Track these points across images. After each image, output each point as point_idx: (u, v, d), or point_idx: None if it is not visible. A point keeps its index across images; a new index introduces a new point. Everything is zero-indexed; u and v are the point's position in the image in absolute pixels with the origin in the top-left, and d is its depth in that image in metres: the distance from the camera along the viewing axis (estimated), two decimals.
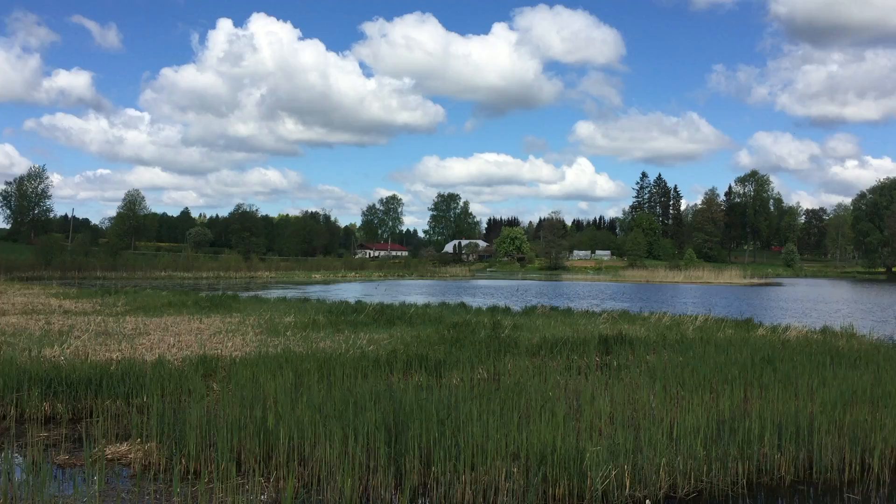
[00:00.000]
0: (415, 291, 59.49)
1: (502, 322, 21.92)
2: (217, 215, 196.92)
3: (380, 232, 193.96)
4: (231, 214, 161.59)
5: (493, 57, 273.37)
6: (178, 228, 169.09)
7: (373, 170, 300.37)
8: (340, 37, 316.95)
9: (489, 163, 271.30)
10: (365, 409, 9.36)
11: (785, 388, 11.38)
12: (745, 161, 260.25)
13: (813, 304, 47.58)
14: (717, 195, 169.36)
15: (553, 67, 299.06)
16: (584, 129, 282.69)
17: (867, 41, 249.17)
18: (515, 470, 8.01)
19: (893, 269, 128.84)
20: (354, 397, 9.97)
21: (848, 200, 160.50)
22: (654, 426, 9.02)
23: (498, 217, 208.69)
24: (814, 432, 9.22)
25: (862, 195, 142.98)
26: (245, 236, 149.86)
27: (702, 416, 9.52)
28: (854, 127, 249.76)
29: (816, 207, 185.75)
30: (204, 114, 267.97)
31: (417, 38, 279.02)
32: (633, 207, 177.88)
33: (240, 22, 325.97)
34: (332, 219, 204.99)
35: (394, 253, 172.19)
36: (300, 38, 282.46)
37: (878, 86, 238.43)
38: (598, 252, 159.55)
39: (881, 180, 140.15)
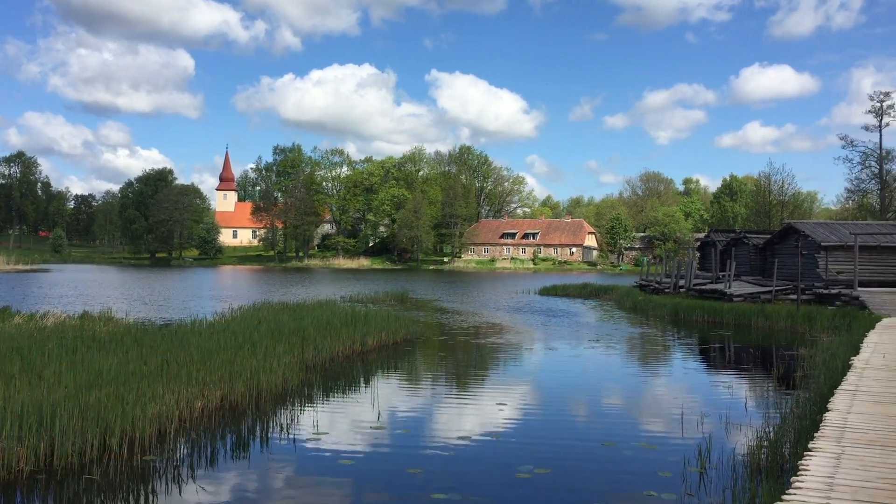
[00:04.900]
0: None
1: None
2: None
3: None
4: None
5: None
6: None
7: None
8: None
9: None
10: None
11: (31, 377, 11.03)
12: (15, 141, 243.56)
13: (79, 289, 47.49)
14: None
15: None
16: None
17: (141, 35, 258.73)
18: None
19: (156, 255, 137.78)
20: None
21: (117, 188, 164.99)
22: None
23: None
24: (56, 419, 9.15)
25: (130, 183, 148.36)
26: None
27: None
28: (127, 117, 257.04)
29: (87, 193, 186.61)
30: None
31: None
32: None
33: None
34: None
35: None
36: None
37: (150, 80, 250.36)
38: None
39: (147, 170, 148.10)
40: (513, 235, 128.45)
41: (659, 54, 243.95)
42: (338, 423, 12.05)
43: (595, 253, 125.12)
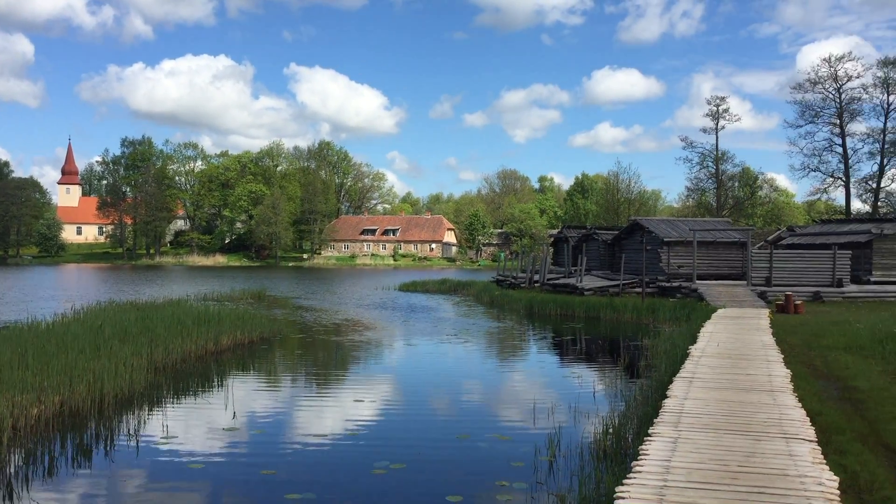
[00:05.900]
0: None
1: None
2: None
3: None
4: None
5: None
6: None
7: None
8: None
9: None
10: None
11: None
12: None
13: None
14: None
15: None
16: None
17: None
18: None
19: None
20: None
21: None
22: None
23: None
24: None
25: None
26: None
27: None
28: None
29: None
30: None
31: None
32: None
33: None
34: None
35: None
36: None
37: None
38: None
39: None
40: (373, 232, 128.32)
41: (516, 55, 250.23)
42: (189, 426, 11.65)
43: (454, 249, 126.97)
